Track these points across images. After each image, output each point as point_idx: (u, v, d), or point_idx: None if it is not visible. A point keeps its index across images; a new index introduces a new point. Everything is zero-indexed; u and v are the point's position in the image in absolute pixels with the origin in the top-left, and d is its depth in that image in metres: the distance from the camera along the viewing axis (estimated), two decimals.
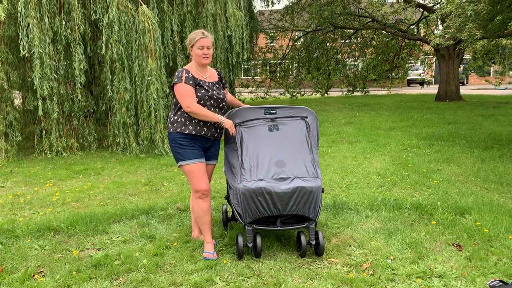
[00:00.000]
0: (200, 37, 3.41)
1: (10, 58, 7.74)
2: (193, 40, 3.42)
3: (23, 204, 5.02)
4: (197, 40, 3.41)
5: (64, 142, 8.06)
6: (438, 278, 3.04)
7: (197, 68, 3.51)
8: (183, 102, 3.38)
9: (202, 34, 3.44)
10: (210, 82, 3.54)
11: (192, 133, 3.42)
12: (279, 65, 20.60)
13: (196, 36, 3.43)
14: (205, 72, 3.56)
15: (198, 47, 3.42)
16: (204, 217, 3.51)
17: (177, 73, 3.45)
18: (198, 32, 3.47)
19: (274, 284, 3.00)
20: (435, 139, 8.32)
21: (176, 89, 3.41)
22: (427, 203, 4.50)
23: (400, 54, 20.34)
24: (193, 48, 3.44)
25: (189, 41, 3.46)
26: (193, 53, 3.46)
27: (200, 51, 3.42)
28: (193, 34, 3.48)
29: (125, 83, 7.66)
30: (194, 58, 3.49)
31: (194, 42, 3.42)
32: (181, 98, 3.38)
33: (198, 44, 3.41)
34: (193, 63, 3.53)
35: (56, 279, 3.13)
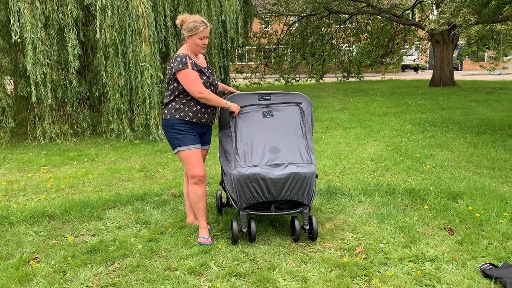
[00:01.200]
0: (203, 27, 3.34)
1: (2, 44, 7.65)
2: (194, 29, 3.33)
3: (17, 190, 5.01)
4: (201, 31, 3.33)
5: (57, 129, 8.02)
6: (430, 261, 3.09)
7: (191, 55, 3.45)
8: (194, 87, 3.33)
9: (204, 24, 3.36)
10: (206, 68, 3.52)
11: (193, 120, 3.42)
12: (273, 51, 20.48)
13: (199, 26, 3.33)
14: (198, 59, 3.52)
15: (199, 37, 3.35)
16: (199, 202, 3.52)
17: (179, 59, 3.33)
18: (200, 21, 3.35)
19: (268, 268, 3.03)
20: (429, 125, 8.36)
21: (183, 75, 3.32)
22: (420, 188, 4.54)
23: (395, 39, 20.29)
24: (193, 36, 3.35)
25: (189, 28, 3.34)
26: (191, 41, 3.37)
27: (200, 41, 3.37)
28: (193, 21, 3.34)
29: (119, 68, 7.61)
30: (191, 46, 3.40)
31: (196, 32, 3.33)
32: (191, 84, 3.33)
33: (201, 35, 3.35)
34: (187, 50, 3.44)
35: (51, 265, 3.14)
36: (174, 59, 3.37)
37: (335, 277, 2.90)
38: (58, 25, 7.40)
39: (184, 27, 3.38)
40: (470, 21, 8.16)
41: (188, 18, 3.38)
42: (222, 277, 2.94)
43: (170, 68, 3.39)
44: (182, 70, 3.31)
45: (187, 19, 3.37)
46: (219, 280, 2.91)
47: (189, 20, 3.36)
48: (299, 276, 2.93)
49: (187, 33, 3.35)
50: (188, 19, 3.37)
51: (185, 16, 3.41)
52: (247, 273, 2.99)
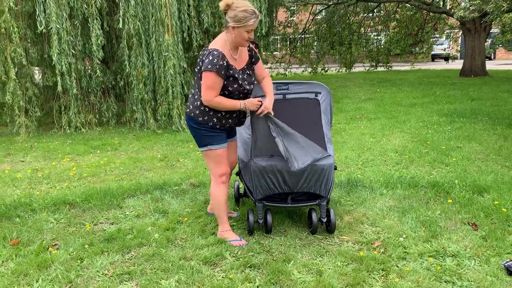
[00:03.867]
0: (254, 20, 2.91)
1: (28, 34, 7.80)
2: (243, 20, 2.89)
3: (41, 178, 5.12)
4: (250, 24, 2.91)
5: (82, 118, 8.16)
6: (451, 257, 2.98)
7: (230, 47, 3.05)
8: (205, 93, 3.00)
9: (255, 16, 2.92)
10: (241, 70, 3.13)
11: (216, 126, 3.15)
12: (299, 40, 20.25)
13: (249, 18, 2.89)
14: (236, 52, 3.12)
15: (247, 30, 2.94)
16: (226, 203, 3.34)
17: (211, 57, 2.95)
18: (251, 11, 2.90)
19: (283, 261, 2.99)
20: (457, 116, 8.10)
21: (205, 77, 2.97)
22: (444, 181, 4.40)
23: (425, 28, 19.74)
24: (239, 28, 2.92)
25: (237, 18, 2.89)
26: (236, 32, 2.94)
27: (246, 35, 2.95)
28: (243, 11, 2.89)
29: (143, 58, 7.65)
30: (234, 37, 2.98)
31: (244, 23, 2.90)
32: (206, 90, 2.99)
33: (249, 28, 2.93)
34: (227, 40, 3.03)
35: (70, 252, 3.19)
36: (208, 53, 2.99)
37: (351, 271, 2.83)
38: (83, 15, 7.49)
39: (230, 15, 2.92)
40: (502, 7, 7.83)
41: (237, 4, 2.91)
42: (236, 268, 2.92)
43: (201, 61, 3.05)
44: (208, 72, 2.95)
45: (235, 5, 2.90)
46: (233, 271, 2.88)
47: (238, 8, 2.89)
48: (314, 269, 2.88)
49: (232, 22, 2.91)
50: (237, 7, 2.90)
51: (232, 0, 2.93)
52: (262, 264, 2.95)
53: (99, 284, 2.76)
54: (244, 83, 3.13)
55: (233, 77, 3.05)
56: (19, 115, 7.67)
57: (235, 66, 3.08)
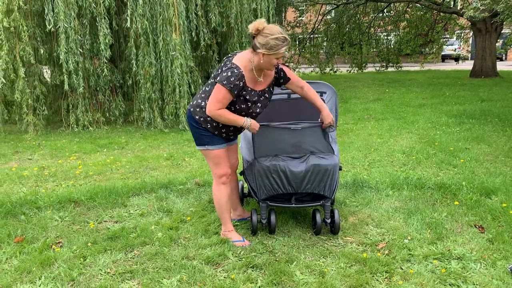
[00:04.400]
0: (285, 47, 2.85)
1: (37, 33, 7.85)
2: (274, 47, 2.80)
3: (47, 176, 5.14)
4: (282, 51, 2.83)
5: (90, 117, 8.20)
6: (457, 260, 2.94)
7: (255, 69, 2.97)
8: (211, 103, 2.95)
9: (287, 43, 2.85)
10: (260, 91, 3.06)
11: (209, 131, 3.12)
12: (308, 40, 20.17)
13: (280, 46, 2.81)
14: (261, 74, 3.04)
15: (276, 57, 2.87)
16: (227, 203, 3.32)
17: (230, 73, 2.88)
18: (282, 39, 2.81)
19: (286, 261, 2.97)
20: (466, 117, 8.01)
21: (217, 89, 2.91)
22: (451, 183, 4.35)
23: (435, 28, 19.57)
24: (269, 55, 2.84)
25: (268, 46, 2.80)
26: (265, 58, 2.86)
27: (275, 61, 2.89)
28: (275, 39, 2.80)
29: (150, 57, 7.66)
30: (263, 63, 2.89)
31: (276, 51, 2.82)
32: (213, 100, 2.94)
33: (280, 55, 2.86)
34: (252, 61, 2.94)
35: (73, 250, 3.19)
36: (229, 68, 2.92)
37: (354, 273, 2.80)
38: (91, 14, 7.52)
39: (260, 41, 2.82)
40: None
41: (268, 30, 2.81)
42: (238, 268, 2.90)
43: (220, 69, 3.01)
44: (221, 86, 2.89)
45: (267, 31, 2.81)
46: (235, 271, 2.87)
47: (270, 35, 2.80)
48: (317, 270, 2.85)
49: (263, 49, 2.82)
50: (269, 34, 2.80)
51: (263, 24, 2.82)
52: (264, 265, 2.93)
53: (101, 282, 2.76)
54: (256, 105, 3.08)
55: (244, 98, 3.00)
56: (27, 113, 7.73)
57: (254, 88, 3.03)
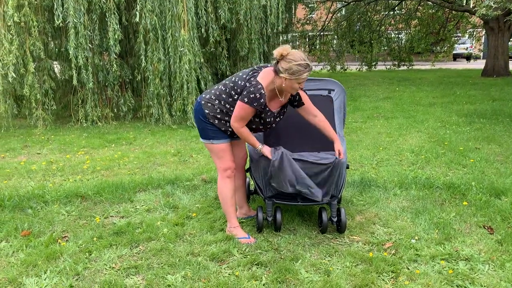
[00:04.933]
0: (307, 73, 2.89)
1: (47, 28, 7.89)
2: (296, 73, 2.85)
3: (55, 170, 5.17)
4: (303, 77, 2.88)
5: (99, 112, 8.23)
6: (464, 261, 2.90)
7: (277, 90, 3.03)
8: (236, 121, 3.04)
9: (309, 69, 2.89)
10: (276, 113, 3.14)
11: (216, 126, 3.16)
12: (318, 38, 20.07)
13: (302, 72, 2.86)
14: (282, 95, 3.08)
15: (298, 82, 2.91)
16: (232, 198, 3.32)
17: (258, 95, 2.91)
18: (305, 65, 2.85)
19: (291, 259, 2.95)
20: (477, 117, 7.92)
21: (242, 108, 2.97)
22: (460, 183, 4.29)
23: (447, 26, 19.36)
24: (292, 80, 2.89)
25: (291, 71, 2.85)
26: (287, 82, 2.90)
27: (297, 86, 2.93)
28: (298, 65, 2.84)
29: (159, 53, 7.66)
30: (285, 86, 2.94)
31: (298, 76, 2.86)
32: (238, 118, 3.02)
33: (302, 80, 2.91)
34: (275, 83, 2.99)
35: (78, 244, 3.20)
36: (256, 88, 2.93)
37: (360, 272, 2.77)
38: (100, 10, 7.53)
39: (283, 66, 2.87)
40: None
41: (291, 56, 2.86)
42: (243, 265, 2.89)
43: (244, 81, 3.03)
44: (246, 106, 2.95)
45: (290, 57, 2.86)
46: (240, 268, 2.85)
47: (293, 62, 2.84)
48: (322, 269, 2.83)
49: (286, 74, 2.87)
50: (292, 60, 2.85)
51: (287, 50, 2.89)
52: (269, 262, 2.92)
53: (105, 277, 2.76)
54: (268, 123, 3.15)
55: (260, 116, 3.08)
56: (36, 108, 7.77)
57: (271, 108, 3.10)
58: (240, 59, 9.79)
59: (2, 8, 7.10)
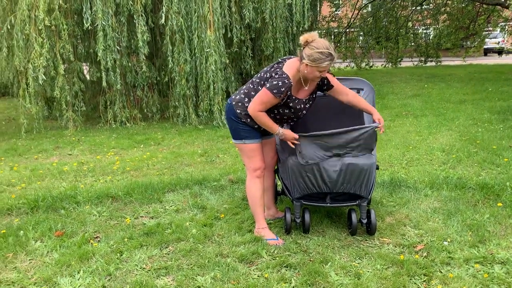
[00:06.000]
0: (328, 63, 2.88)
1: (76, 31, 8.07)
2: (317, 61, 2.85)
3: (86, 171, 5.28)
4: (324, 65, 2.87)
5: (127, 113, 8.38)
6: (500, 264, 2.81)
7: (302, 78, 3.05)
8: (255, 104, 3.03)
9: (330, 58, 2.87)
10: (305, 99, 3.15)
11: (248, 125, 3.18)
12: (343, 35, 19.85)
13: (323, 60, 2.85)
14: (307, 82, 3.09)
15: (319, 70, 2.91)
16: (261, 198, 3.32)
17: (281, 83, 2.94)
18: (327, 54, 2.85)
19: (321, 262, 2.92)
20: (510, 114, 7.68)
21: (265, 94, 2.98)
22: (494, 183, 4.17)
23: (477, 20, 18.83)
24: (312, 67, 2.89)
25: (312, 58, 2.85)
26: (309, 69, 2.91)
27: (318, 73, 2.93)
28: (319, 52, 2.84)
29: (185, 54, 7.74)
30: (307, 73, 2.95)
31: (318, 64, 2.86)
32: (258, 102, 3.02)
33: (322, 69, 2.90)
34: (298, 71, 3.01)
35: (110, 245, 3.26)
36: (280, 77, 2.96)
37: (391, 275, 2.73)
38: (128, 12, 7.66)
39: (306, 52, 2.88)
40: None
41: (315, 44, 2.86)
42: (272, 267, 2.88)
43: (269, 73, 3.06)
44: (269, 92, 2.96)
45: (314, 44, 2.86)
46: (269, 270, 2.85)
47: (316, 49, 2.84)
48: (353, 272, 2.79)
49: (308, 61, 2.87)
50: (315, 47, 2.85)
51: (313, 37, 2.89)
52: (298, 265, 2.90)
53: (136, 278, 2.80)
54: (298, 111, 3.14)
55: (287, 105, 3.08)
56: (66, 109, 7.96)
57: (298, 96, 3.10)
58: (265, 58, 9.78)
59: (33, 13, 7.29)
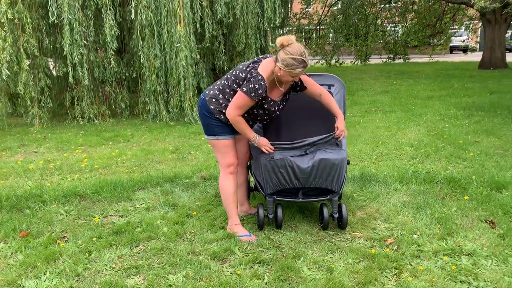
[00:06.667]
0: (300, 70, 2.86)
1: (42, 25, 7.81)
2: (290, 67, 2.83)
3: (53, 169, 5.12)
4: (296, 72, 2.86)
5: (95, 109, 8.18)
6: (467, 256, 2.88)
7: (276, 80, 3.02)
8: (232, 109, 3.01)
9: (303, 66, 2.86)
10: (277, 101, 3.12)
11: (222, 121, 3.15)
12: (314, 32, 19.99)
13: (296, 66, 2.83)
14: (282, 84, 3.06)
15: (291, 75, 2.90)
16: (234, 194, 3.30)
17: (257, 85, 2.91)
18: (300, 61, 2.83)
19: (293, 257, 2.92)
20: (475, 109, 7.91)
21: (241, 97, 2.96)
22: (461, 177, 4.27)
23: (443, 19, 19.32)
24: (285, 71, 2.87)
25: (286, 63, 2.83)
26: (282, 73, 2.89)
27: (291, 78, 2.94)
28: (293, 59, 2.82)
29: (155, 50, 7.61)
30: (280, 76, 2.93)
31: (290, 70, 2.85)
32: (234, 106, 3.00)
33: (294, 75, 2.90)
34: (272, 72, 2.98)
35: (78, 245, 3.16)
36: (256, 79, 2.92)
37: (363, 269, 2.75)
38: (96, 6, 7.46)
39: (281, 56, 2.87)
40: None
41: (290, 48, 2.85)
42: (245, 263, 2.86)
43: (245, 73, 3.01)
44: (245, 95, 2.94)
45: (288, 49, 2.85)
46: (242, 266, 2.83)
47: (289, 54, 2.83)
48: (325, 266, 2.80)
49: (281, 64, 2.86)
50: (289, 52, 2.84)
51: (288, 41, 2.88)
52: (271, 260, 2.89)
53: (106, 278, 2.73)
54: (272, 112, 3.15)
55: (262, 106, 3.07)
56: (32, 106, 7.71)
57: (272, 97, 3.10)
58: (237, 54, 9.75)
59: None
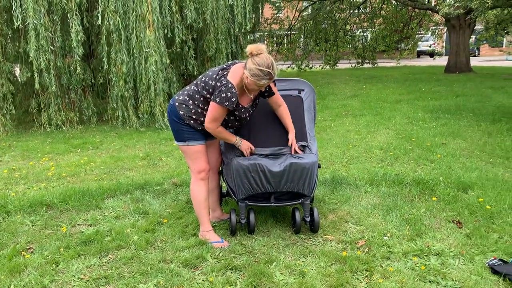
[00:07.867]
0: (265, 82, 2.88)
1: (5, 30, 7.57)
2: (255, 77, 2.84)
3: (18, 178, 4.96)
4: (261, 83, 2.88)
5: (63, 116, 7.98)
6: (436, 256, 2.94)
7: (244, 86, 3.01)
8: (210, 123, 3.02)
9: (268, 78, 2.87)
10: (248, 108, 3.13)
11: (192, 127, 3.13)
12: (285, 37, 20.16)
13: (261, 78, 2.84)
14: (248, 92, 3.06)
15: (257, 85, 2.91)
16: (206, 200, 3.27)
17: (229, 94, 2.90)
18: (266, 73, 2.83)
19: (266, 262, 2.91)
20: (442, 112, 8.12)
21: (215, 109, 2.95)
22: (429, 178, 4.37)
23: (410, 24, 19.82)
24: (252, 80, 2.87)
25: (252, 73, 2.84)
26: (249, 81, 2.89)
27: (257, 87, 2.95)
28: (259, 70, 2.82)
29: (122, 55, 7.48)
30: (247, 84, 2.93)
31: (256, 80, 2.85)
32: (211, 119, 3.01)
33: (260, 85, 2.93)
34: (241, 79, 2.97)
35: (44, 256, 3.07)
36: (226, 87, 2.91)
37: (335, 272, 2.77)
38: (62, 11, 7.29)
39: (248, 65, 2.87)
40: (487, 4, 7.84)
41: (258, 59, 2.84)
42: (217, 270, 2.83)
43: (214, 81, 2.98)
44: (220, 106, 2.93)
45: (256, 60, 2.84)
46: (214, 273, 2.80)
47: (256, 65, 2.83)
48: (297, 270, 2.81)
49: (247, 73, 2.87)
50: (256, 62, 2.84)
51: (258, 51, 2.87)
52: (244, 266, 2.87)
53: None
54: (243, 119, 3.17)
55: (232, 113, 3.08)
56: None
57: (243, 103, 3.11)
58: (208, 59, 9.71)
59: None
